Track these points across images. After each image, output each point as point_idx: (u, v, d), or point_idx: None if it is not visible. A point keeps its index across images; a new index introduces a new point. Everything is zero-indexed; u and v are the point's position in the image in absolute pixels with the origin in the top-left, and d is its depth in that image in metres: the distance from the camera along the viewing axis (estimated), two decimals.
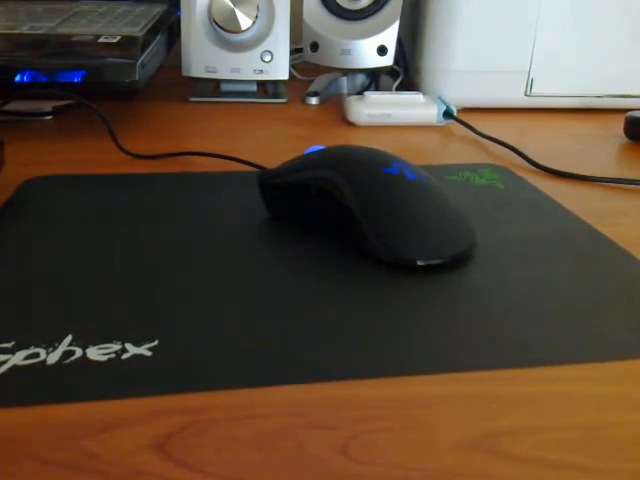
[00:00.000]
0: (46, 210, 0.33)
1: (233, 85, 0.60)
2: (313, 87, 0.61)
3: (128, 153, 0.42)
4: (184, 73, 0.58)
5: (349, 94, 0.62)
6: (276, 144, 0.47)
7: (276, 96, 0.60)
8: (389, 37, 0.56)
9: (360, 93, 0.58)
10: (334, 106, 0.59)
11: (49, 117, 0.51)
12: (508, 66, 0.55)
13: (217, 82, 0.61)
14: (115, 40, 0.50)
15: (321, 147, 0.36)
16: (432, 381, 0.21)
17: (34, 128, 0.49)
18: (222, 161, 0.42)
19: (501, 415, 0.20)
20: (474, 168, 0.41)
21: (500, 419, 0.20)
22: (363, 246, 0.29)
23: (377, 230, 0.29)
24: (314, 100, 0.59)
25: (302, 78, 0.67)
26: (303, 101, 0.60)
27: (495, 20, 0.54)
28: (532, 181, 0.40)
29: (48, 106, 0.51)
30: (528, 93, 0.56)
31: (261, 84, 0.62)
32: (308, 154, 0.34)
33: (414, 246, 0.29)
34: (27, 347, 0.22)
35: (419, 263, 0.28)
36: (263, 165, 0.40)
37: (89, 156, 0.43)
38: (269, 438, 0.18)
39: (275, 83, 0.62)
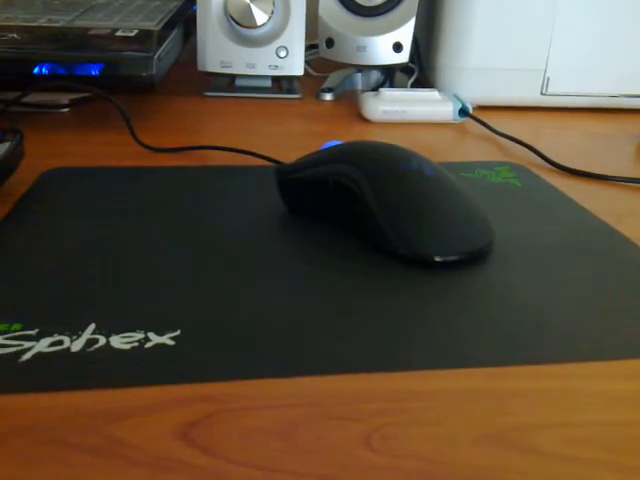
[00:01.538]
0: (65, 201, 0.34)
1: (248, 80, 0.60)
2: (327, 83, 0.62)
3: (146, 146, 0.42)
4: (199, 68, 0.58)
5: (363, 91, 0.62)
6: (291, 139, 0.47)
7: (290, 92, 0.60)
8: (405, 34, 0.56)
9: (375, 90, 0.58)
10: (348, 102, 0.59)
11: (66, 110, 0.52)
12: (524, 64, 0.55)
13: (232, 77, 0.61)
14: (132, 34, 0.50)
15: (338, 142, 0.36)
16: (451, 376, 0.21)
17: (51, 120, 0.49)
18: (238, 155, 0.42)
19: (521, 410, 0.20)
20: (490, 166, 0.41)
21: (520, 414, 0.20)
22: (380, 241, 0.29)
23: (395, 225, 0.29)
24: (328, 96, 0.59)
25: (316, 74, 0.67)
26: (317, 97, 0.60)
27: (512, 18, 0.54)
28: (548, 180, 0.40)
29: (65, 99, 0.52)
30: (544, 92, 0.56)
31: (276, 80, 0.62)
32: (325, 149, 0.34)
33: (431, 242, 0.29)
34: (51, 335, 0.22)
35: (436, 259, 0.28)
36: (280, 160, 0.40)
37: (106, 149, 0.43)
38: (291, 428, 0.19)
39: (290, 79, 0.62)
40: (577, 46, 0.55)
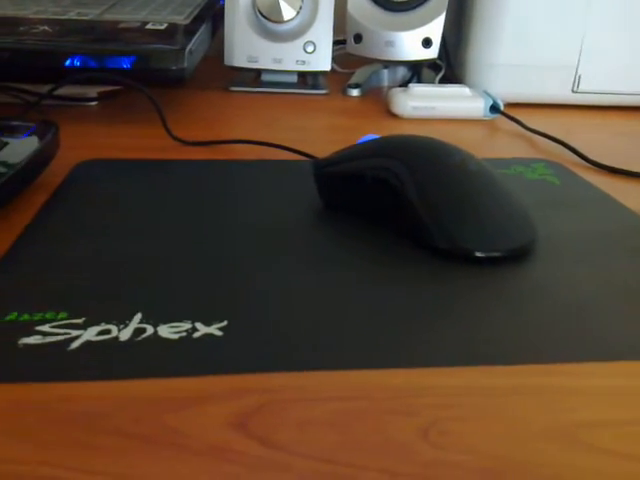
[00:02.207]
0: (101, 192, 0.33)
1: (274, 75, 0.60)
2: (354, 79, 0.61)
3: (178, 139, 0.42)
4: (226, 62, 0.58)
5: (390, 87, 0.61)
6: (321, 134, 0.47)
7: (317, 87, 0.60)
8: (435, 29, 0.55)
9: (403, 85, 0.57)
10: (375, 98, 0.59)
11: (94, 103, 0.52)
12: (555, 61, 0.55)
13: (258, 72, 0.61)
14: (162, 27, 0.50)
15: (375, 136, 0.35)
16: (507, 372, 0.21)
17: (80, 113, 0.49)
18: (269, 149, 0.42)
19: (580, 407, 0.19)
20: (526, 163, 0.41)
21: (579, 411, 0.19)
22: (420, 234, 0.29)
23: (436, 218, 0.28)
24: (355, 92, 0.59)
25: (341, 70, 0.67)
26: (344, 92, 0.59)
27: (544, 13, 0.53)
28: (584, 177, 0.40)
29: (93, 92, 0.52)
30: (575, 89, 0.56)
31: (301, 75, 0.62)
32: (363, 143, 0.34)
33: (474, 237, 0.28)
34: (97, 323, 0.22)
35: (478, 254, 0.28)
36: (313, 154, 0.40)
37: (136, 141, 0.43)
38: (347, 420, 0.18)
39: (315, 75, 0.61)
40: (610, 43, 0.54)
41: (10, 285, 0.24)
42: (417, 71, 0.61)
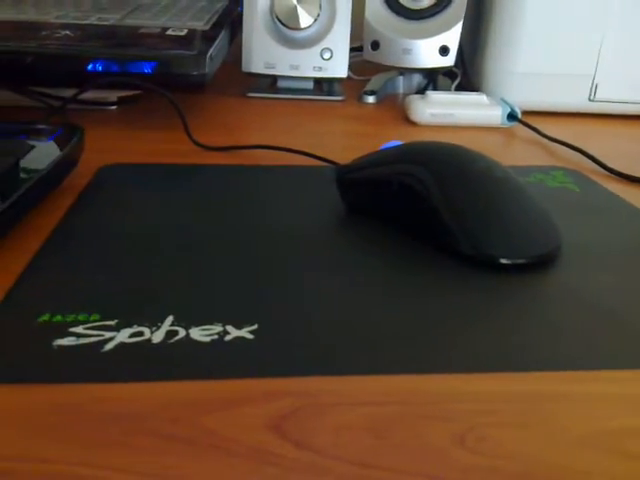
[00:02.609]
0: (127, 196, 0.34)
1: (290, 82, 0.61)
2: (370, 86, 0.61)
3: (200, 145, 0.42)
4: (244, 69, 0.59)
5: (405, 94, 0.61)
6: (340, 140, 0.47)
7: (333, 94, 0.60)
8: (452, 37, 0.56)
9: (419, 93, 0.58)
10: (391, 105, 0.59)
11: (114, 107, 0.52)
12: (572, 69, 0.55)
13: (274, 78, 0.61)
14: (183, 33, 0.51)
15: (398, 142, 0.36)
16: (543, 378, 0.21)
17: (101, 117, 0.50)
18: (288, 155, 0.42)
19: (618, 414, 0.19)
20: (545, 170, 0.41)
21: (617, 418, 0.19)
22: (445, 240, 0.29)
23: (462, 224, 0.28)
24: (371, 99, 0.59)
25: (356, 78, 0.67)
26: (360, 99, 0.60)
27: (561, 22, 0.54)
28: (605, 185, 0.40)
29: (114, 96, 0.52)
30: (592, 98, 0.56)
31: (317, 82, 0.62)
32: (386, 149, 0.34)
33: (500, 243, 0.28)
34: (130, 325, 0.22)
35: (503, 261, 0.28)
36: (333, 160, 0.40)
37: (157, 146, 0.43)
38: (384, 425, 0.18)
39: (330, 82, 0.62)
40: (627, 52, 0.54)
41: (41, 286, 0.25)
42: (433, 78, 0.62)
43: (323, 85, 0.63)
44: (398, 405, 0.19)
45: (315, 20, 0.57)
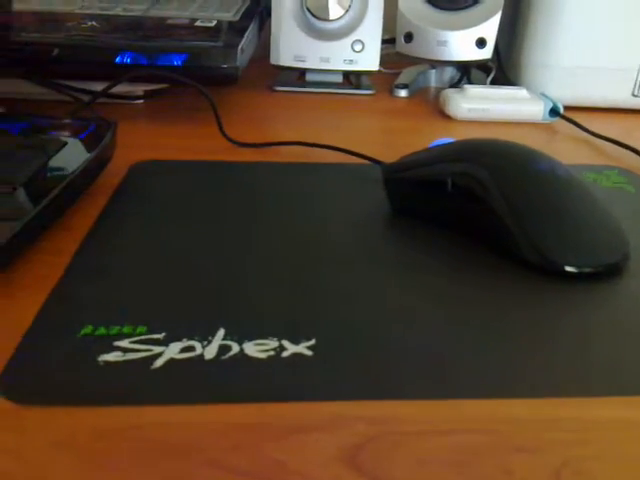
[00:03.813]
0: (163, 196, 0.32)
1: (319, 75, 0.59)
2: (401, 79, 0.59)
3: (233, 141, 0.41)
4: (272, 62, 0.57)
5: (437, 88, 0.59)
6: (376, 136, 0.45)
7: (364, 87, 0.58)
8: (490, 29, 0.53)
9: (454, 86, 0.56)
10: (423, 99, 0.57)
11: (140, 101, 0.50)
12: (615, 63, 0.52)
13: (302, 71, 0.59)
14: (212, 24, 0.49)
15: (449, 139, 0.34)
16: (633, 403, 0.19)
17: (127, 111, 0.48)
18: (322, 152, 0.40)
19: None
20: (598, 170, 0.39)
21: None
22: (506, 245, 0.27)
23: (525, 230, 0.26)
24: (403, 92, 0.57)
25: (385, 71, 0.65)
26: (391, 93, 0.58)
27: (602, 14, 0.51)
28: None
29: (140, 90, 0.50)
30: (635, 93, 0.53)
31: (345, 75, 0.60)
32: (436, 146, 0.32)
33: (566, 250, 0.26)
34: (179, 339, 0.21)
35: (568, 269, 0.26)
36: (374, 157, 0.38)
37: (188, 141, 0.41)
38: (469, 458, 0.17)
39: (359, 75, 0.60)
40: None
41: (81, 296, 0.23)
42: (467, 72, 0.59)
43: (351, 78, 0.61)
44: (484, 434, 0.17)
45: (347, 11, 0.55)
